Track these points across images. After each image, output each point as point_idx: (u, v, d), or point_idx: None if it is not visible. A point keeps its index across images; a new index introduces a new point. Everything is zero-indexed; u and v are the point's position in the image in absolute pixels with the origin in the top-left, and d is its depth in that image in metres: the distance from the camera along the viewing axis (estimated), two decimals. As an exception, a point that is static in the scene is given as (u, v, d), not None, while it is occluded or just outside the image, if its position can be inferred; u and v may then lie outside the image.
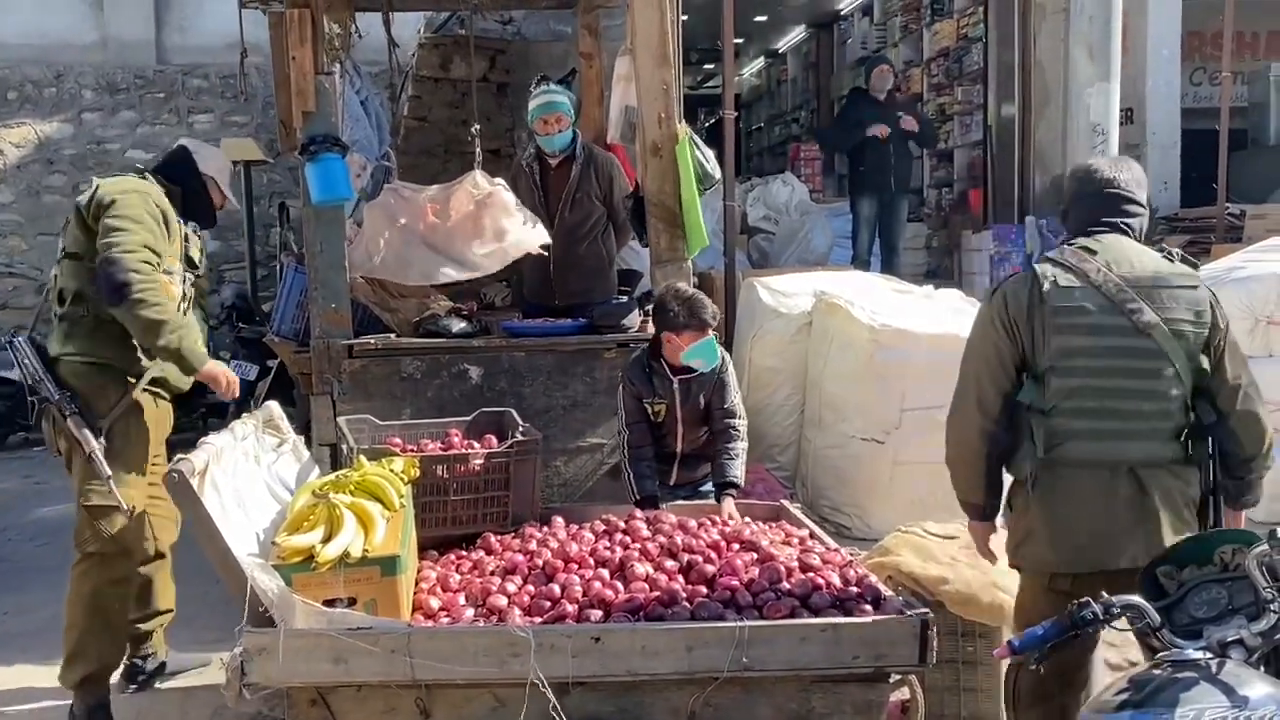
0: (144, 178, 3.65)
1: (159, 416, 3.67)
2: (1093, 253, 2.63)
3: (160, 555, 3.72)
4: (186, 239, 3.68)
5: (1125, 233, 2.69)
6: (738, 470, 3.64)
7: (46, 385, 3.45)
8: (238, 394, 3.66)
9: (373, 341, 4.24)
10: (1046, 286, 2.58)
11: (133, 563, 3.60)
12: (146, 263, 3.40)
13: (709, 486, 3.84)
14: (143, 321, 3.37)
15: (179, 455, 2.67)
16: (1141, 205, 2.74)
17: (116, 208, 3.44)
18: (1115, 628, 2.09)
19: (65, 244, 3.59)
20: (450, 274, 4.49)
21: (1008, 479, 2.78)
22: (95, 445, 3.41)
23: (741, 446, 3.71)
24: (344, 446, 3.43)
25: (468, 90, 7.38)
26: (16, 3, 10.40)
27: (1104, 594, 2.05)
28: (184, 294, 3.61)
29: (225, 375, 3.61)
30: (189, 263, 3.68)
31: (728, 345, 5.60)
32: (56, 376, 3.47)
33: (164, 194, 3.63)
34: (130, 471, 3.52)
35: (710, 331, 3.59)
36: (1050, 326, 2.58)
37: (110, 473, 3.40)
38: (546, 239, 4.48)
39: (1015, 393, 2.64)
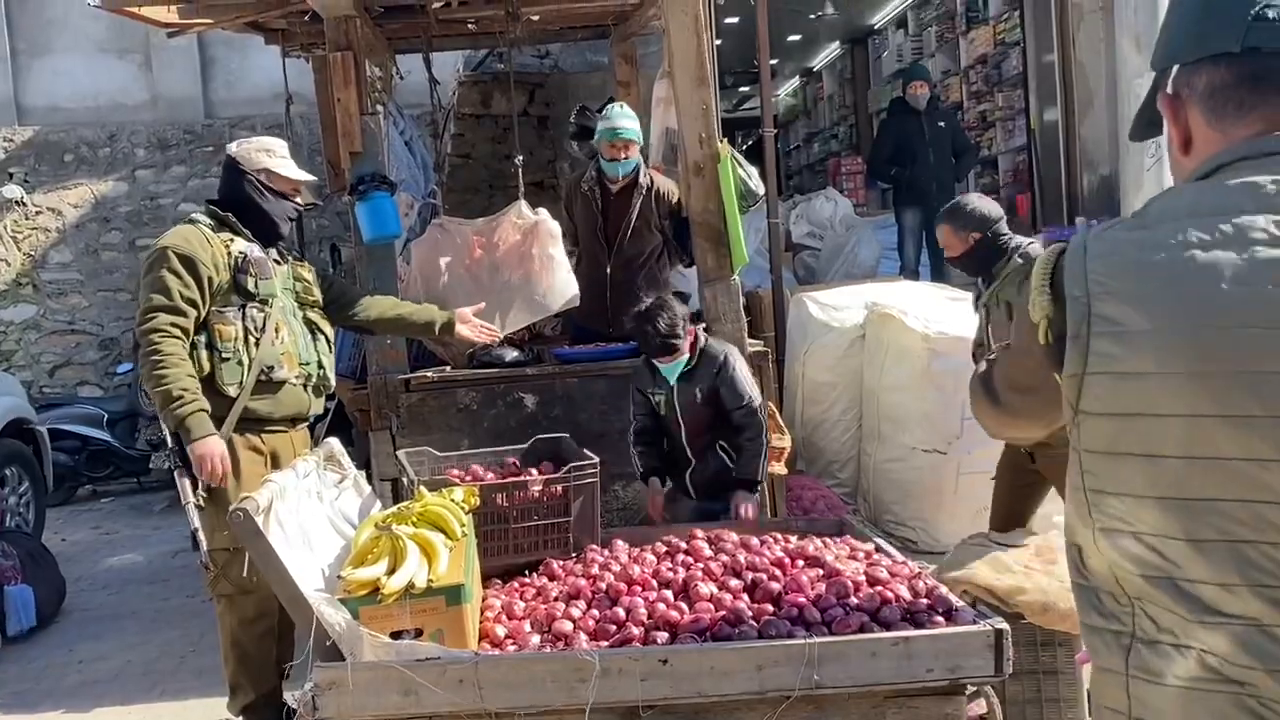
0: (191, 221, 3.61)
1: (255, 455, 3.59)
2: None
3: None
4: (241, 269, 3.53)
5: None
6: (753, 467, 3.59)
7: (168, 437, 3.48)
8: (226, 483, 3.44)
9: (429, 375, 4.28)
10: None
11: (258, 601, 3.49)
12: (156, 330, 3.39)
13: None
14: (151, 394, 3.43)
15: (243, 494, 2.70)
16: None
17: (143, 274, 3.52)
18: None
19: None
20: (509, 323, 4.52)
21: None
22: (191, 496, 3.40)
23: (757, 444, 3.65)
24: (404, 479, 3.45)
25: (509, 125, 7.48)
26: (70, 67, 10.77)
27: None
28: (246, 329, 3.53)
29: (212, 460, 3.40)
30: (245, 294, 3.54)
31: (779, 363, 5.57)
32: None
33: (214, 226, 3.58)
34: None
35: (664, 360, 3.68)
36: None
37: (197, 525, 3.38)
38: (575, 292, 4.51)
39: None
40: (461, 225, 4.56)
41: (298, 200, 3.75)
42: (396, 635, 2.51)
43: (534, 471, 3.39)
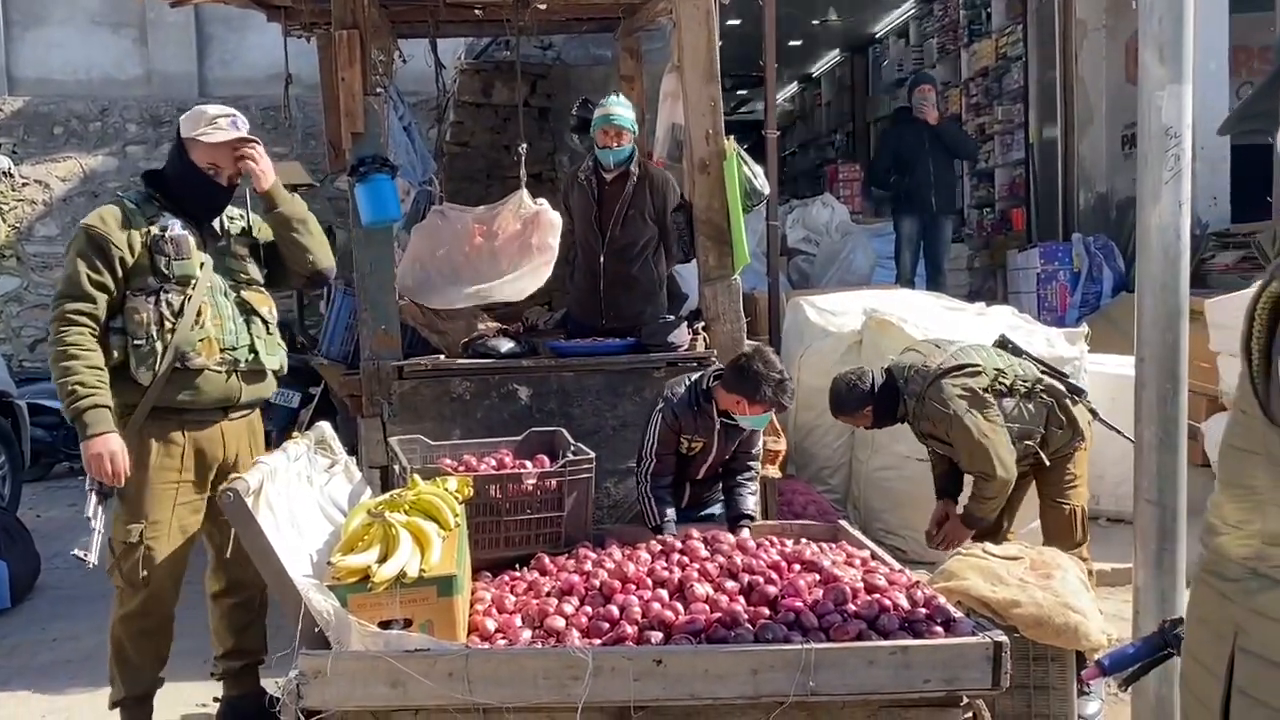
0: (119, 195, 3.44)
1: (168, 447, 3.36)
2: None
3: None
4: (155, 248, 3.28)
5: None
6: (752, 504, 3.69)
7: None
8: (120, 483, 3.24)
9: (424, 363, 4.21)
10: None
11: (145, 599, 3.35)
12: (60, 318, 3.21)
13: (717, 509, 3.84)
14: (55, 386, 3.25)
15: (233, 475, 2.64)
16: None
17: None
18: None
19: None
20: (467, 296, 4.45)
21: None
22: (90, 484, 3.28)
23: (756, 484, 3.77)
24: (395, 467, 3.39)
25: (509, 115, 7.41)
26: (63, 40, 10.64)
27: None
28: (161, 314, 3.27)
29: (101, 461, 3.18)
30: (160, 275, 3.28)
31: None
32: None
33: (142, 200, 3.34)
34: (136, 506, 3.34)
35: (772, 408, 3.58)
36: None
37: (90, 514, 3.26)
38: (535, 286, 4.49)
39: None
40: (462, 213, 4.51)
41: (220, 180, 3.39)
42: (385, 625, 2.46)
43: (528, 464, 3.34)
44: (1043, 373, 3.95)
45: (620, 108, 4.60)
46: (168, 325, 3.28)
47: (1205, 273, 7.28)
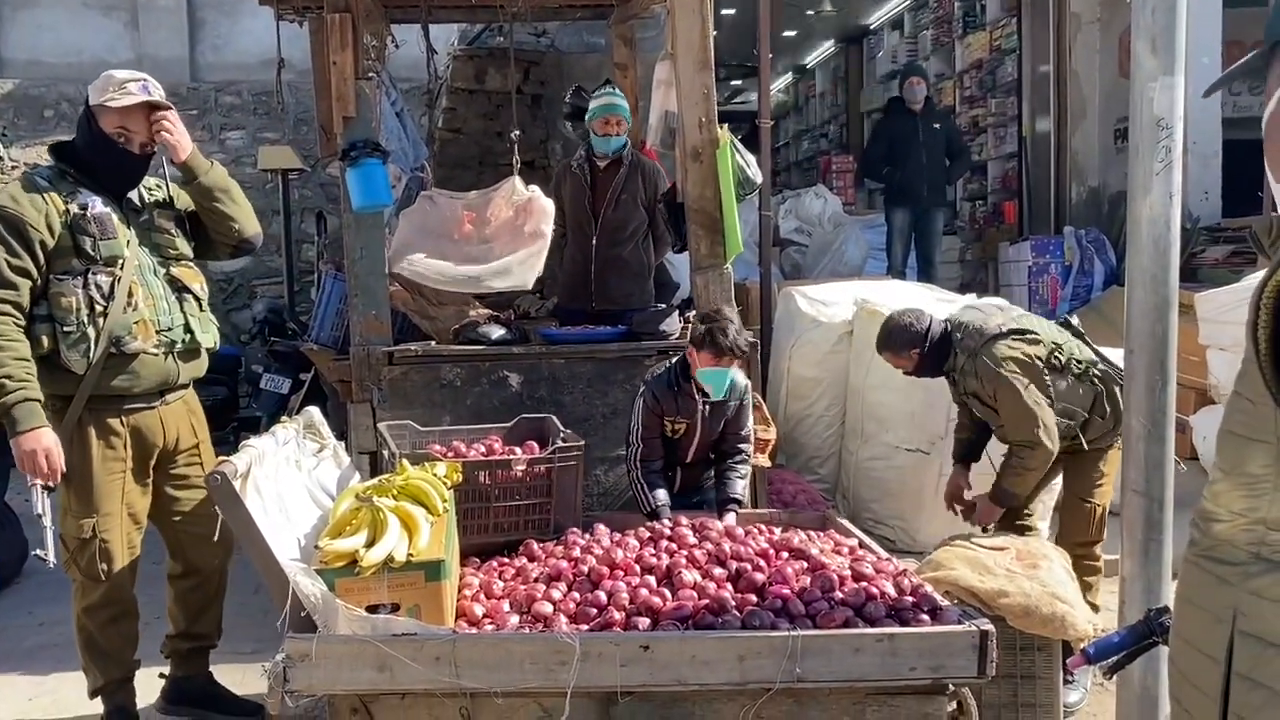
0: (28, 174, 3.26)
1: (108, 437, 3.27)
2: None
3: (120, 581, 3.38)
4: (77, 228, 3.13)
5: None
6: (740, 488, 3.67)
7: None
8: (56, 480, 3.13)
9: (414, 348, 4.20)
10: None
11: (107, 590, 3.31)
12: None
13: (709, 496, 3.84)
14: None
15: (221, 458, 2.63)
16: None
17: None
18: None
19: None
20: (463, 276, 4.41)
21: None
22: (33, 479, 3.16)
23: (746, 469, 3.75)
24: (385, 452, 3.38)
25: (502, 102, 7.39)
26: (53, 22, 10.56)
27: None
28: (91, 298, 3.14)
29: (35, 457, 3.05)
30: (85, 257, 3.14)
31: (764, 357, 5.54)
32: None
33: (54, 176, 3.18)
34: (85, 500, 3.27)
35: (724, 363, 3.51)
36: None
37: (40, 510, 3.16)
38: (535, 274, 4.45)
39: None
40: (452, 199, 4.49)
41: (132, 148, 3.21)
42: (373, 609, 2.46)
43: (517, 450, 3.34)
44: (1099, 357, 3.90)
45: (618, 99, 4.81)
46: (98, 309, 3.14)
47: (1196, 267, 7.31)
